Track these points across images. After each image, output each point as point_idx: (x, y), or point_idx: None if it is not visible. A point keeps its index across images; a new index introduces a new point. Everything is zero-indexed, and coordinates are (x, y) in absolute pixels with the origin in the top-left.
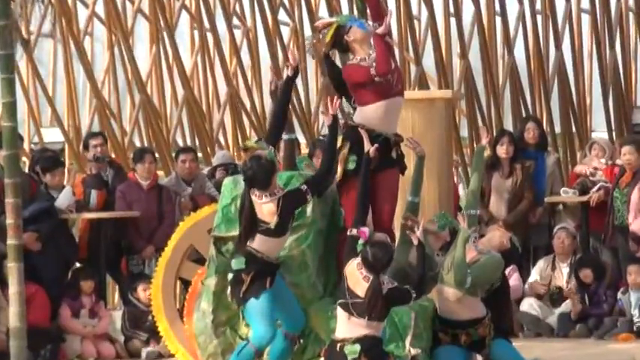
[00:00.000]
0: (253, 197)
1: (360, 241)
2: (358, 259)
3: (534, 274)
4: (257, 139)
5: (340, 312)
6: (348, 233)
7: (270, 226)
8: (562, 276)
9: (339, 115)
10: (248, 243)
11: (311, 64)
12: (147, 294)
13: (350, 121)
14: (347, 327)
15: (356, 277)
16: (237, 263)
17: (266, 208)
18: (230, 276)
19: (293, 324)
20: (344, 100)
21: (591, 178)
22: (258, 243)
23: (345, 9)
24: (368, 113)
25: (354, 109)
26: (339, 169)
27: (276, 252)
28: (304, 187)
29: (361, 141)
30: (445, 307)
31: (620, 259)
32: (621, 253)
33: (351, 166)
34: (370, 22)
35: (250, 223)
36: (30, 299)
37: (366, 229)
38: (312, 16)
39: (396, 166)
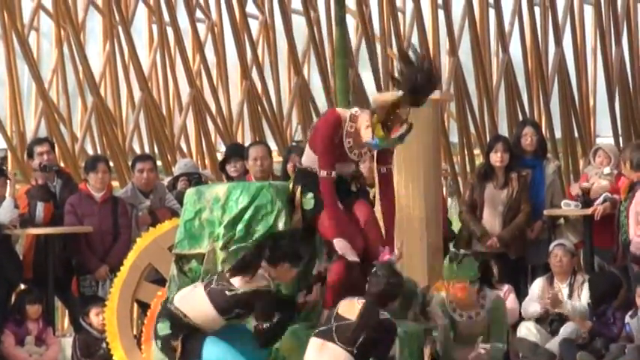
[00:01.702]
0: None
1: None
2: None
3: (531, 296)
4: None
5: (314, 341)
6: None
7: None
8: (562, 298)
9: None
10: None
11: (283, 65)
12: (100, 319)
13: (298, 164)
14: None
15: (352, 302)
16: (163, 327)
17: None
18: (157, 343)
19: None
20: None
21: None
22: (193, 307)
23: (320, 2)
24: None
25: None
26: (297, 217)
27: (210, 328)
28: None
29: (312, 179)
30: None
31: (632, 279)
32: (631, 272)
33: (309, 205)
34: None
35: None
36: None
37: (388, 253)
38: (284, 9)
39: (362, 197)
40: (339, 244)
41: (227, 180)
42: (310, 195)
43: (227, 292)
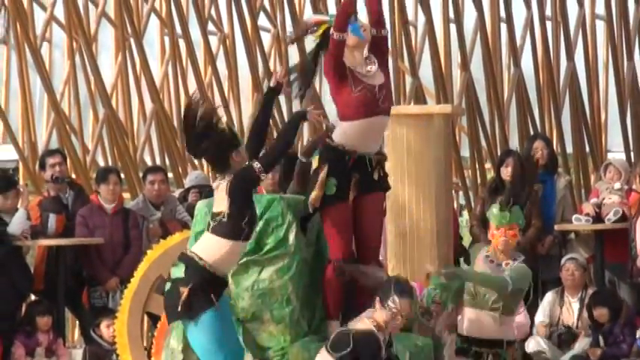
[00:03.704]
0: (214, 187)
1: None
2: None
3: (542, 311)
4: None
5: (323, 353)
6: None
7: (223, 217)
8: (572, 312)
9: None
10: (190, 248)
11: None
12: (111, 330)
13: (329, 139)
14: None
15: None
16: (176, 271)
17: (219, 196)
18: (167, 285)
19: None
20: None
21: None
22: (205, 247)
23: (332, 11)
24: (348, 131)
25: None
26: (317, 194)
27: (227, 264)
28: (255, 162)
29: (341, 162)
30: (475, 326)
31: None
32: None
33: (331, 190)
34: (364, 27)
35: None
36: None
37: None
38: (296, 21)
39: (379, 189)
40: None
41: None
42: (334, 181)
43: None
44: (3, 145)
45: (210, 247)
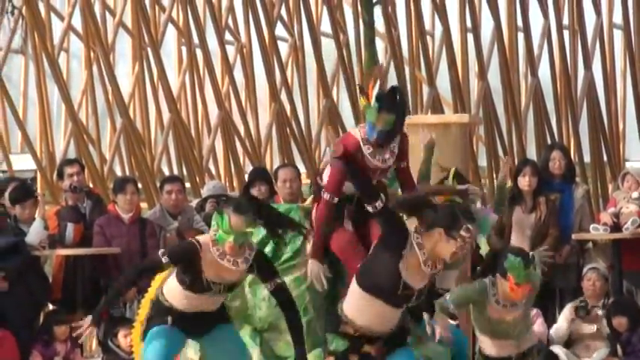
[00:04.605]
0: None
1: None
2: None
3: (562, 320)
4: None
5: None
6: None
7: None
8: (592, 326)
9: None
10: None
11: (312, 87)
12: (128, 340)
13: (320, 181)
14: None
15: None
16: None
17: None
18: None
19: None
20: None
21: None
22: (170, 289)
23: (349, 22)
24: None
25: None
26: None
27: (190, 307)
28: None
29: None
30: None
31: None
32: None
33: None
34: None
35: None
36: None
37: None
38: (313, 31)
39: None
40: (312, 266)
41: None
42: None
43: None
44: (21, 155)
45: (172, 290)
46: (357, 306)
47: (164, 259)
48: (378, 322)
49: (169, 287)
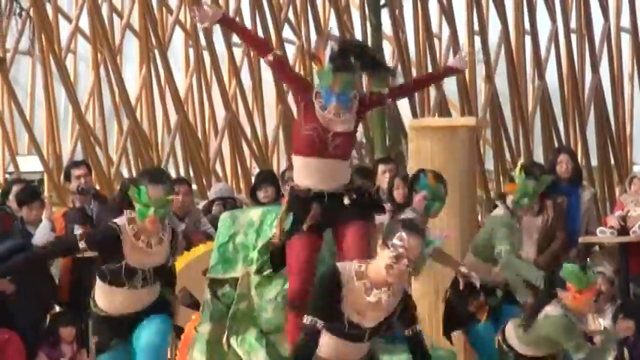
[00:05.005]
0: None
1: None
2: None
3: None
4: None
5: None
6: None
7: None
8: (599, 327)
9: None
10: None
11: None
12: None
13: (290, 180)
14: None
15: None
16: None
17: None
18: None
19: None
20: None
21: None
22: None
23: (357, 25)
24: (296, 165)
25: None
26: (275, 232)
27: (112, 304)
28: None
29: (297, 197)
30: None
31: None
32: None
33: (287, 226)
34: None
35: None
36: (2, 347)
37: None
38: (321, 34)
39: (358, 216)
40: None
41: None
42: (290, 217)
43: None
44: (28, 157)
45: (100, 293)
46: (322, 345)
47: (81, 245)
48: (345, 356)
49: (97, 292)
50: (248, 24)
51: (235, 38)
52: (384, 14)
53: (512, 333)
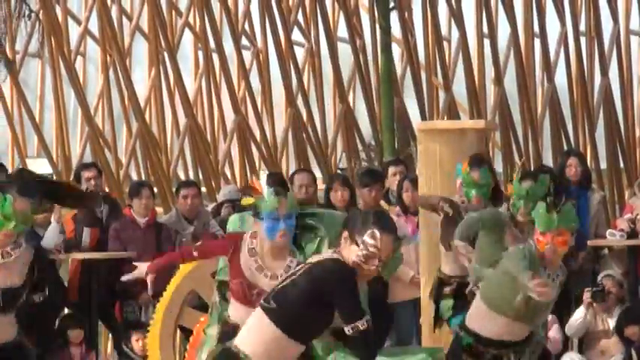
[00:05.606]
0: None
1: None
2: None
3: (579, 310)
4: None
5: None
6: None
7: None
8: (608, 329)
9: None
10: None
11: (328, 92)
12: (140, 344)
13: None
14: None
15: None
16: None
17: None
18: None
19: None
20: None
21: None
22: None
23: (366, 28)
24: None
25: None
26: None
27: None
28: None
29: None
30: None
31: None
32: None
33: None
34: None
35: None
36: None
37: None
38: (330, 36)
39: None
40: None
41: None
42: None
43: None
44: (37, 159)
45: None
46: None
47: None
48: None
49: None
50: (257, 27)
51: (244, 40)
52: (393, 17)
53: (474, 309)
